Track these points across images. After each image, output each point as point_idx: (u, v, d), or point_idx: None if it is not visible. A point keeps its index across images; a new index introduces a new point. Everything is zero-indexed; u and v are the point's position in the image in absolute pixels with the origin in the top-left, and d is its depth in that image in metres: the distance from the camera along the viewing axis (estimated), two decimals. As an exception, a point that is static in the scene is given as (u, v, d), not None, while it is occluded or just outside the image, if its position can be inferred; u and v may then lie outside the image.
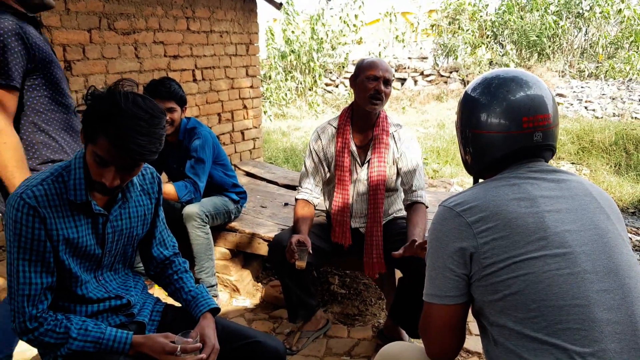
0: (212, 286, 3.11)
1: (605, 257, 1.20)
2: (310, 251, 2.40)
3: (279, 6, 5.50)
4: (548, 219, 1.22)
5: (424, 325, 1.35)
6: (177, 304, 1.84)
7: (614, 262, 1.20)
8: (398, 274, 2.79)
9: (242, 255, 3.52)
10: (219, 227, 3.35)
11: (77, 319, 1.54)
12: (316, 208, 2.77)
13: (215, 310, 1.73)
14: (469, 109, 1.41)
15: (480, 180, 1.44)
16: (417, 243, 2.12)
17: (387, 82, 2.52)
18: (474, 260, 1.23)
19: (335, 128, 2.68)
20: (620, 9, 11.32)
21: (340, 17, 12.35)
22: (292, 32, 11.85)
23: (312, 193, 2.70)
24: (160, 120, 1.44)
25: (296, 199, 2.72)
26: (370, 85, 2.49)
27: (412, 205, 2.59)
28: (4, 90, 1.82)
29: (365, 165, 2.65)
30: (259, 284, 3.50)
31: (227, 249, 3.42)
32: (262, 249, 3.25)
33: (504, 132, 1.33)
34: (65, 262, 1.51)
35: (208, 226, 3.10)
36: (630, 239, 4.54)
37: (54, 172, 1.51)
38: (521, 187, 1.28)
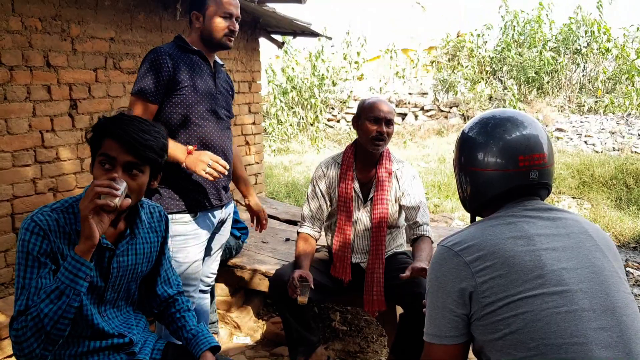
0: (213, 323, 3.09)
1: (602, 294, 1.21)
2: (312, 286, 2.40)
3: (280, 45, 5.62)
4: (545, 257, 1.24)
5: (425, 365, 1.35)
6: (179, 342, 1.84)
7: (610, 300, 1.21)
8: (399, 310, 2.78)
9: (243, 291, 3.50)
10: (220, 263, 3.33)
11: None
12: (317, 243, 2.78)
13: (215, 349, 1.73)
14: (466, 147, 1.45)
15: (477, 219, 1.46)
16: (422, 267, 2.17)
17: (389, 123, 2.56)
18: (474, 299, 1.25)
19: (339, 164, 2.72)
20: (609, 48, 11.51)
21: (344, 55, 12.58)
22: (293, 69, 12.05)
23: (314, 227, 2.72)
24: (161, 131, 1.60)
25: (298, 233, 2.74)
26: (372, 127, 2.54)
27: (418, 239, 2.60)
28: None
29: (368, 203, 2.66)
30: (260, 320, 3.48)
31: (228, 285, 3.41)
32: (263, 285, 3.24)
33: (501, 170, 1.36)
34: None
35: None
36: (632, 274, 4.52)
37: (65, 204, 1.56)
38: (517, 225, 1.30)
